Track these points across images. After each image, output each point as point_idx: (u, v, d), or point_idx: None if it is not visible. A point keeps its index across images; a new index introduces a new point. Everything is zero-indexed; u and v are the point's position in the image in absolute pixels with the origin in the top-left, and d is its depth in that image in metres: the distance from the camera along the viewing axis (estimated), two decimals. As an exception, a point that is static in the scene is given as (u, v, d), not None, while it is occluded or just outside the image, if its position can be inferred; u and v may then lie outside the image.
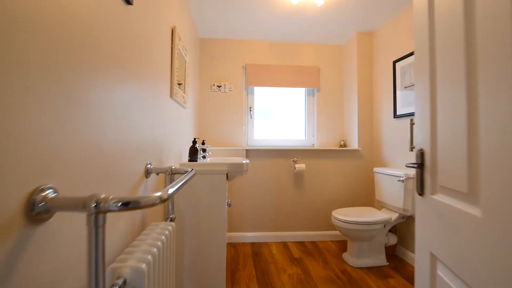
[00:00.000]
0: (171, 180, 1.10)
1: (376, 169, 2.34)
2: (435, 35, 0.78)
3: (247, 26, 2.49)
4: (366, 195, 2.68)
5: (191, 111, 2.26)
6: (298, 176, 2.61)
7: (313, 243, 2.52)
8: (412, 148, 1.33)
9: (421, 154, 0.84)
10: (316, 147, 2.72)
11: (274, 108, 2.91)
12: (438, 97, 0.76)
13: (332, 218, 2.14)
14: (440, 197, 0.75)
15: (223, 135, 2.74)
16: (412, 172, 1.96)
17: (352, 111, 2.72)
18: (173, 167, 1.08)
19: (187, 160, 1.50)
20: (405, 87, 2.18)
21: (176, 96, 1.51)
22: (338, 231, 2.62)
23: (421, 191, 0.84)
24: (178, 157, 1.68)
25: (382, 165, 2.49)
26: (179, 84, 1.67)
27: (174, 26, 1.49)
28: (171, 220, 1.09)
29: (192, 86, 2.27)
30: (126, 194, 0.85)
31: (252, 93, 2.84)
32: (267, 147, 2.55)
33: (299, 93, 2.96)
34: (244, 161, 1.51)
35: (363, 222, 1.98)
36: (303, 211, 2.61)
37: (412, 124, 1.33)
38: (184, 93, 1.81)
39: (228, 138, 2.74)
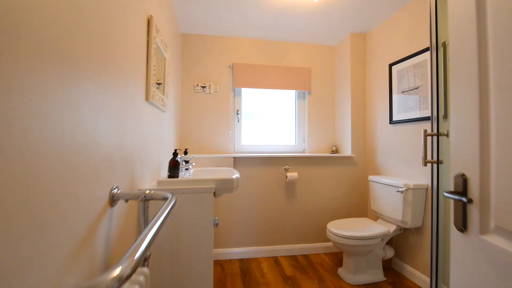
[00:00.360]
0: (145, 209, 0.86)
1: (371, 178, 2.22)
2: (487, 25, 0.62)
3: (235, 21, 2.28)
4: (360, 204, 2.56)
5: (172, 115, 2.00)
6: (290, 185, 2.44)
7: (306, 257, 2.36)
8: (426, 163, 1.19)
9: (463, 181, 0.68)
10: (307, 153, 2.57)
11: (263, 112, 2.72)
12: (494, 104, 0.59)
13: (327, 232, 1.99)
14: (496, 240, 0.59)
15: (208, 140, 2.50)
16: (412, 182, 1.85)
17: (345, 116, 2.60)
18: (148, 192, 0.85)
19: (167, 176, 1.27)
20: (402, 92, 2.07)
21: (153, 98, 1.27)
22: (331, 243, 2.48)
23: (462, 226, 0.68)
24: (157, 170, 1.44)
25: (377, 173, 2.38)
26: (158, 84, 1.43)
27: (151, 16, 1.24)
28: (145, 261, 0.86)
29: (173, 87, 2.01)
30: (77, 240, 0.61)
31: (240, 94, 2.63)
32: (257, 154, 2.35)
33: (289, 95, 2.79)
34: (234, 176, 1.30)
35: (361, 237, 1.83)
36: (295, 222, 2.44)
37: (426, 135, 1.19)
38: (164, 95, 1.57)
39: (213, 144, 2.51)
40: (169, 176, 1.24)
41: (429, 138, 1.72)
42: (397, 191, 1.89)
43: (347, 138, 2.55)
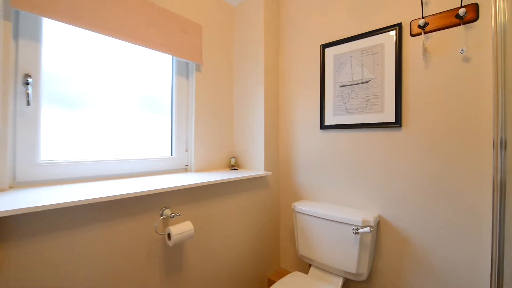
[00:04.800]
0: None
1: (299, 207, 1.49)
2: None
3: None
4: (273, 245, 1.78)
5: None
6: (176, 251, 1.20)
7: None
8: None
9: None
10: (196, 174, 1.45)
11: (104, 91, 1.26)
12: None
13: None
14: None
15: None
16: (370, 214, 1.28)
17: (250, 114, 1.72)
18: None
19: None
20: (341, 86, 1.49)
21: None
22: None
23: None
24: None
25: (298, 197, 1.70)
26: None
27: None
28: None
29: None
30: None
31: (37, 38, 1.03)
32: (87, 197, 0.93)
33: (162, 66, 1.51)
34: None
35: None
36: (183, 314, 1.24)
37: None
38: None
39: None
40: None
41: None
42: (355, 233, 1.25)
43: (256, 147, 1.69)
